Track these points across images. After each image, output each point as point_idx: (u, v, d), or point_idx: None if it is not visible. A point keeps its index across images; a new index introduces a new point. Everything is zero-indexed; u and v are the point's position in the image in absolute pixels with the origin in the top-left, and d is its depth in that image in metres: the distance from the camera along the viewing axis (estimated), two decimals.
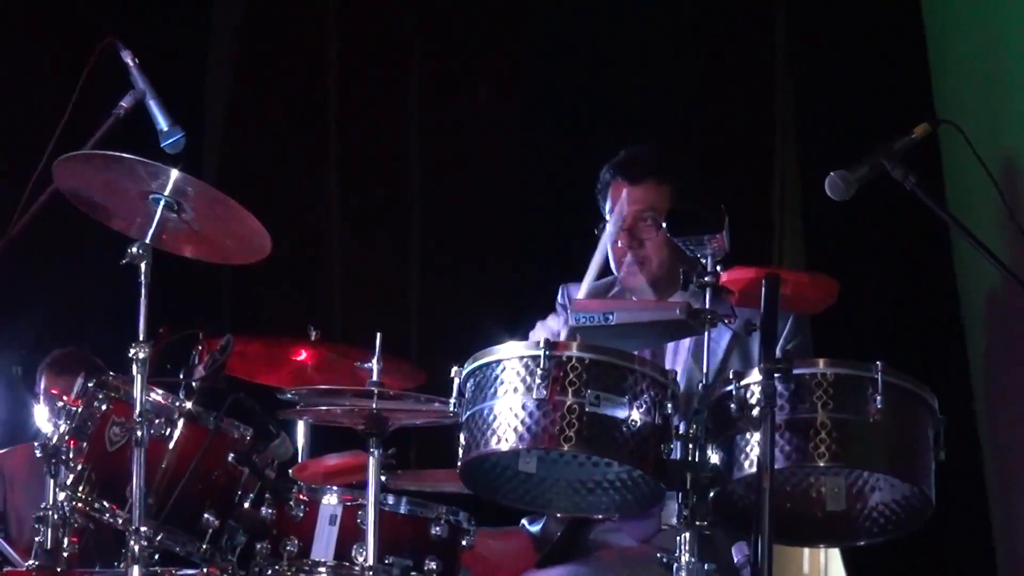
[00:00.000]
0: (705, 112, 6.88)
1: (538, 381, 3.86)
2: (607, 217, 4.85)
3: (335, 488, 4.62)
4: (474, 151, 7.25)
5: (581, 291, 4.71)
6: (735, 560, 4.42)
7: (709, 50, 6.98)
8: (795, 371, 3.87)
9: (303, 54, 7.43)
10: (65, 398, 4.73)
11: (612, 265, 4.87)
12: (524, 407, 3.87)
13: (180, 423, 4.56)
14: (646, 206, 4.80)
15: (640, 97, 6.93)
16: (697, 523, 3.90)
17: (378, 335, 4.51)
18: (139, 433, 4.37)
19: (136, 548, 4.37)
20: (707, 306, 4.00)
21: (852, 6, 6.34)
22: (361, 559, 4.38)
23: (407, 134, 7.35)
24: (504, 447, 3.92)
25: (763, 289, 3.93)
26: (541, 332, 4.86)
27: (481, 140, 7.24)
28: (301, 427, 5.16)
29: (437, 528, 4.54)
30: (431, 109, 7.33)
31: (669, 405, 3.92)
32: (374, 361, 4.49)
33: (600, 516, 4.58)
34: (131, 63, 4.74)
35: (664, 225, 4.29)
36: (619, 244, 4.82)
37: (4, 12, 7.29)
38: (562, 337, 4.61)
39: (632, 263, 4.81)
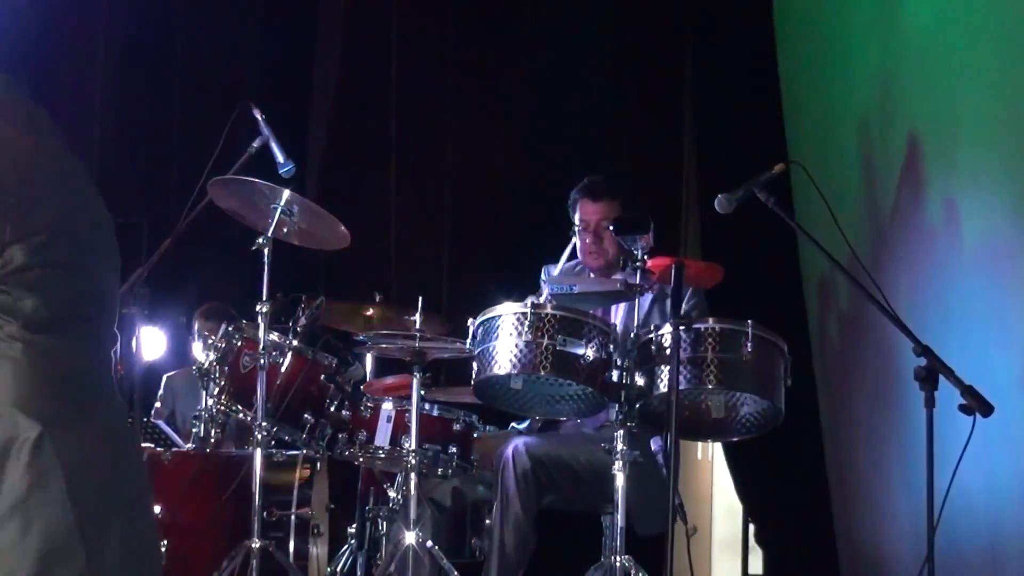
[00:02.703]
0: (641, 152, 6.89)
1: (525, 328, 3.87)
2: (575, 222, 4.83)
3: (390, 398, 4.61)
4: (488, 175, 7.26)
5: (556, 269, 4.72)
6: (653, 449, 4.43)
7: (642, 109, 7.01)
8: (694, 325, 3.89)
9: (373, 109, 7.42)
10: (212, 337, 4.73)
11: (579, 254, 4.85)
12: (516, 346, 3.88)
13: (289, 355, 4.52)
14: (603, 216, 4.74)
15: (603, 137, 6.95)
16: (628, 424, 3.93)
17: (420, 299, 4.49)
18: (262, 361, 4.39)
19: (259, 436, 4.40)
20: (638, 282, 4.01)
21: (737, 72, 6.33)
22: (407, 445, 4.37)
23: (443, 159, 7.35)
24: (502, 372, 3.94)
25: (673, 271, 3.95)
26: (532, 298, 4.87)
27: (494, 166, 7.25)
28: (369, 358, 5.16)
29: (457, 425, 4.53)
30: (462, 139, 7.32)
31: (611, 346, 3.93)
32: (417, 316, 4.49)
33: (563, 418, 4.57)
34: (259, 117, 4.72)
35: (611, 227, 4.29)
36: (586, 241, 4.77)
37: (185, 89, 7.34)
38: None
39: (595, 252, 4.77)
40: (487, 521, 4.54)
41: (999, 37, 4.52)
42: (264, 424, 4.39)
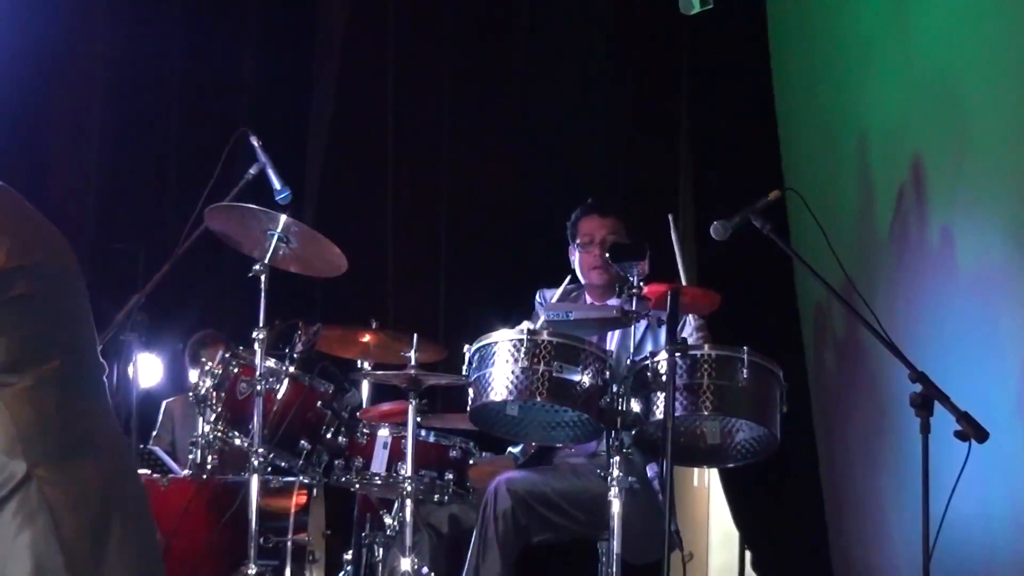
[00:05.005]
0: (637, 179, 6.89)
1: (521, 355, 3.86)
2: (578, 239, 4.85)
3: (387, 424, 4.60)
4: (484, 201, 7.25)
5: (555, 296, 4.73)
6: (649, 475, 4.42)
7: (640, 139, 7.01)
8: (689, 352, 3.90)
9: (369, 135, 7.42)
10: (210, 364, 4.72)
11: (582, 271, 4.84)
12: (512, 372, 3.88)
13: (286, 381, 4.51)
14: (612, 231, 4.82)
15: (599, 165, 6.96)
16: (624, 450, 3.92)
17: (414, 335, 4.42)
18: (258, 387, 4.39)
19: (256, 462, 4.40)
20: (633, 309, 4.01)
21: (732, 102, 6.34)
22: (403, 472, 4.35)
23: (440, 186, 7.34)
24: (498, 399, 3.93)
25: (669, 298, 3.96)
26: (527, 324, 4.86)
27: (489, 192, 7.24)
28: (365, 385, 5.15)
29: (454, 452, 4.52)
30: (458, 166, 7.31)
31: (607, 372, 3.93)
32: (412, 352, 4.42)
33: (560, 445, 4.57)
34: (256, 144, 4.74)
35: (607, 255, 4.29)
36: (595, 255, 4.80)
37: (182, 115, 7.35)
38: (537, 326, 4.61)
39: (600, 267, 4.79)
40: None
41: (995, 60, 4.54)
42: (261, 450, 4.38)
